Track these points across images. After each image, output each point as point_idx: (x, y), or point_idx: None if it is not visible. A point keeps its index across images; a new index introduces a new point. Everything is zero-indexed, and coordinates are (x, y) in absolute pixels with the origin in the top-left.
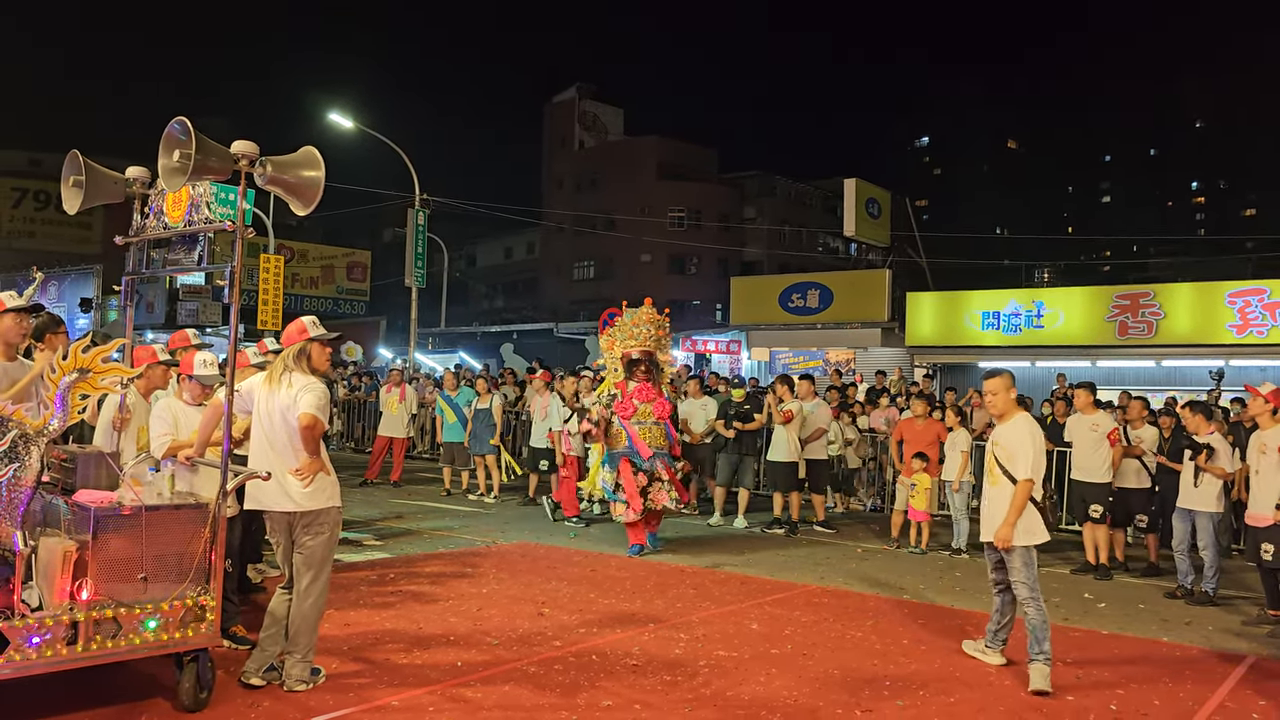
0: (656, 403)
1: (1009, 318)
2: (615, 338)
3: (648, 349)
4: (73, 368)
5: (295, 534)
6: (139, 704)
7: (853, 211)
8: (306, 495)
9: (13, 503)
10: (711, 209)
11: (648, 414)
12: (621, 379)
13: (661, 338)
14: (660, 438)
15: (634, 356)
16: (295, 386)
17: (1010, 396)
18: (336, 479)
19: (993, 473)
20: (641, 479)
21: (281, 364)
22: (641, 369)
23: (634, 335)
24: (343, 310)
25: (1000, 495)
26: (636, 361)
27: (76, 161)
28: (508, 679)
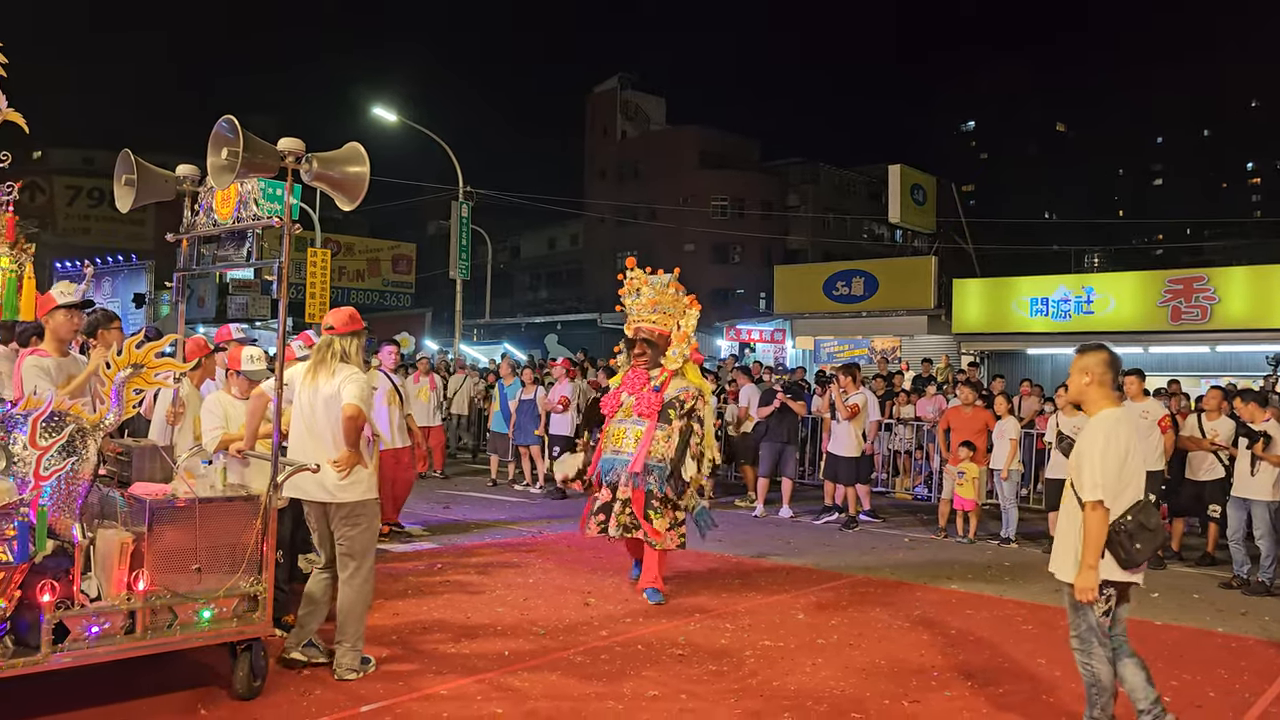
0: (640, 397)
1: (1058, 304)
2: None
3: (647, 324)
4: (127, 363)
5: (333, 525)
6: (195, 692)
7: (897, 198)
8: (341, 487)
9: (71, 495)
10: (754, 197)
11: (629, 410)
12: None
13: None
14: (630, 443)
15: (631, 336)
16: (338, 376)
17: (1099, 382)
18: (374, 473)
19: (1068, 486)
20: (604, 494)
21: (339, 351)
22: (636, 352)
23: (628, 307)
24: (389, 303)
25: (1066, 517)
26: (633, 342)
27: (128, 160)
28: (554, 668)
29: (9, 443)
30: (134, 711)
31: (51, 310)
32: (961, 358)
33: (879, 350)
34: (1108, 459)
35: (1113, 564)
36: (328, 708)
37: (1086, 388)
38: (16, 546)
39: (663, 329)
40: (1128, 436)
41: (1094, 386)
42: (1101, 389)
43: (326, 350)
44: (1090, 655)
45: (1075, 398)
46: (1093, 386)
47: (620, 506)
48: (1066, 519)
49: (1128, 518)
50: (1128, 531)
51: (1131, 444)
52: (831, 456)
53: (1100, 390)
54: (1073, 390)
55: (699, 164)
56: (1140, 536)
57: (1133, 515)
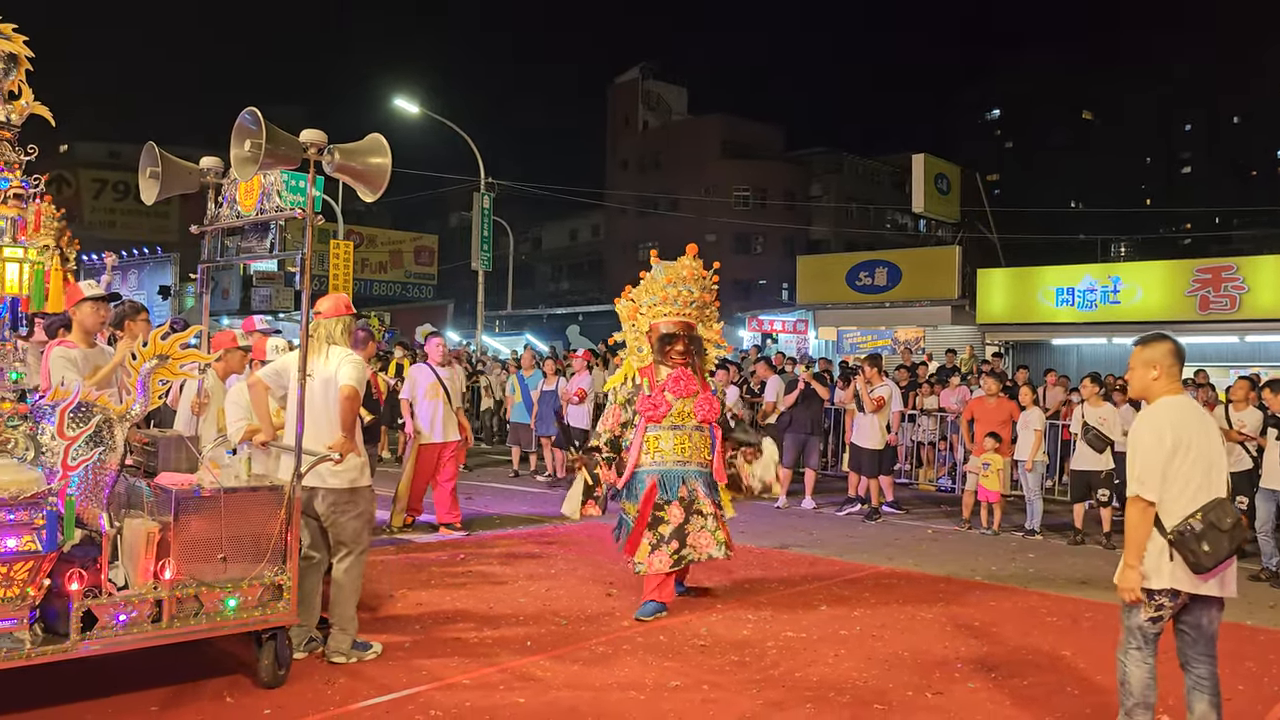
0: (700, 399)
1: (1084, 293)
2: (640, 301)
3: (687, 319)
4: (153, 354)
5: (322, 510)
6: (221, 680)
7: (921, 187)
8: (334, 473)
9: (99, 485)
10: (777, 187)
11: (686, 415)
12: (649, 363)
13: (708, 304)
14: (703, 450)
15: (666, 330)
16: (335, 359)
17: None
18: (367, 460)
19: None
20: (675, 513)
21: (325, 335)
22: (678, 349)
23: (668, 298)
24: (411, 294)
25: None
26: (671, 338)
27: (153, 153)
28: (576, 658)
29: (37, 433)
30: (161, 699)
31: (79, 302)
32: (985, 348)
33: (902, 341)
34: (1150, 451)
35: (1182, 569)
36: (351, 696)
37: (1154, 383)
38: (45, 535)
39: (695, 324)
40: (1179, 426)
41: (1162, 380)
42: (1170, 382)
43: (315, 335)
44: (1125, 654)
45: (1140, 393)
46: (1161, 380)
47: (713, 523)
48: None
49: (1196, 517)
50: (1195, 532)
51: (1186, 436)
52: (855, 448)
53: (1168, 384)
54: (1137, 385)
55: (721, 154)
56: (1209, 537)
57: (1203, 514)
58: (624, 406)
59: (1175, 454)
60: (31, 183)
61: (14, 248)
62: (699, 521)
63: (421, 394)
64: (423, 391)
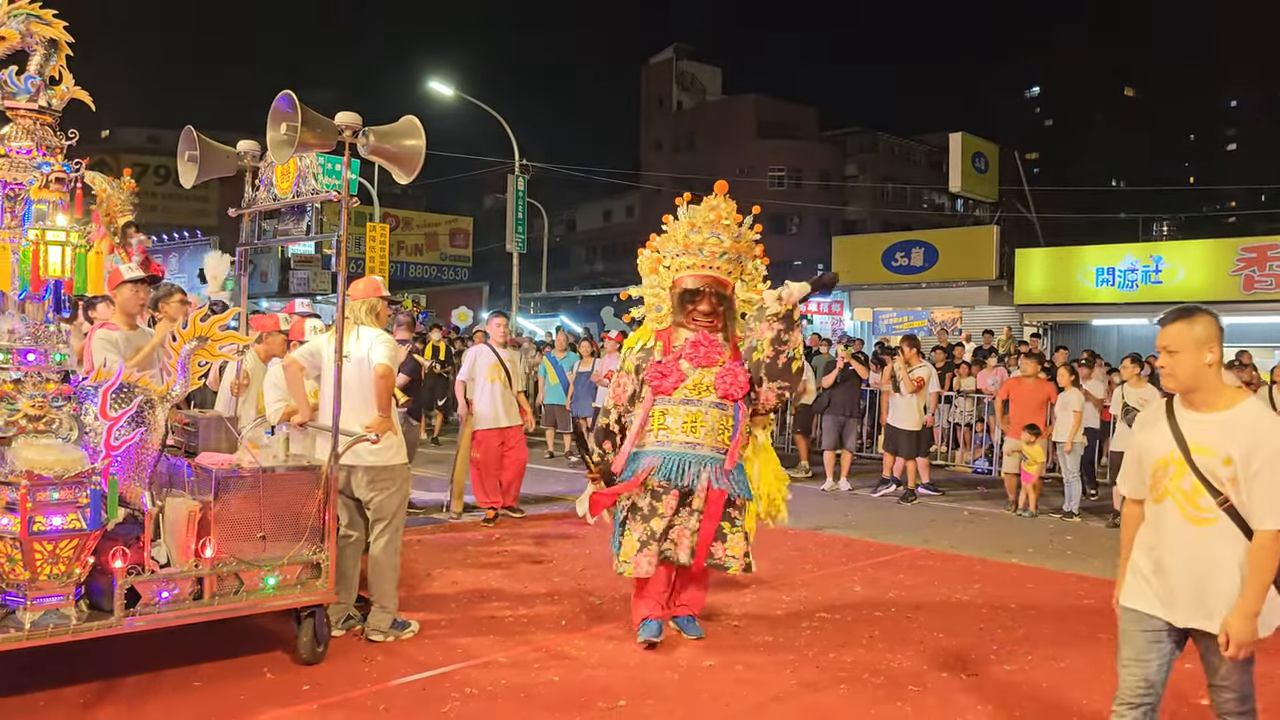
0: (723, 370)
1: (1125, 273)
2: (662, 251)
3: (716, 274)
4: (192, 336)
5: (359, 489)
6: (260, 657)
7: (959, 166)
8: (371, 450)
9: (141, 465)
10: (812, 168)
11: (704, 388)
12: (667, 325)
13: (742, 256)
14: (721, 432)
15: (690, 285)
16: (366, 339)
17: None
18: (403, 439)
19: (1194, 499)
20: (667, 506)
21: (353, 318)
22: (701, 309)
23: (691, 247)
24: (446, 277)
25: (1212, 545)
26: (693, 294)
27: (191, 137)
28: (611, 637)
29: (81, 413)
30: (202, 674)
31: (118, 285)
32: (1024, 329)
33: (939, 322)
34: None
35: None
36: (388, 673)
37: (1208, 369)
38: (89, 514)
39: (729, 282)
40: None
41: (1218, 367)
42: (1220, 370)
43: (351, 318)
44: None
45: (1192, 383)
46: (1216, 368)
47: (695, 520)
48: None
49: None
50: None
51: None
52: (891, 429)
53: (1219, 372)
54: (1187, 374)
55: (756, 134)
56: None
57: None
58: (633, 375)
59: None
60: (73, 167)
61: (57, 230)
62: (685, 518)
63: (481, 376)
64: (483, 373)
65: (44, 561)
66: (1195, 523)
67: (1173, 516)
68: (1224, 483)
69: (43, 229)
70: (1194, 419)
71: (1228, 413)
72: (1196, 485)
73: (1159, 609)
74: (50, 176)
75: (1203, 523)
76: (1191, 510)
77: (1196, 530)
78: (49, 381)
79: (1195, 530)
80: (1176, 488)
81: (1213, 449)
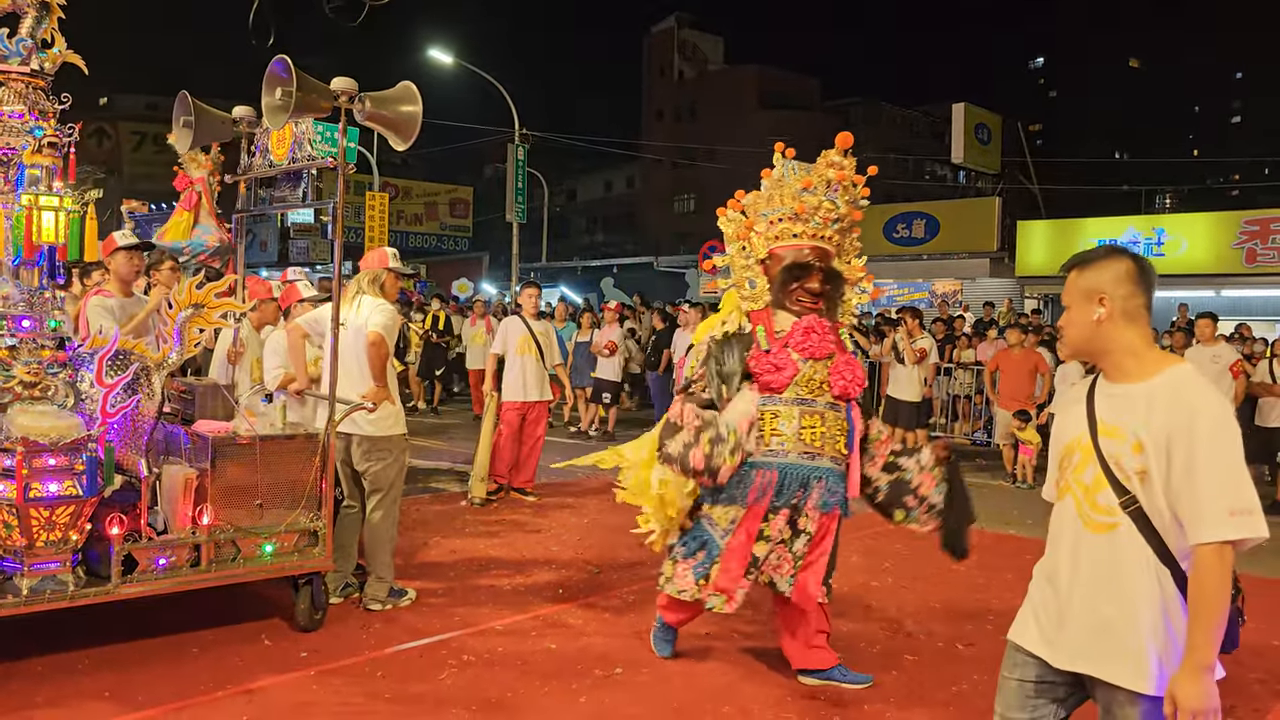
0: (837, 362)
1: (1127, 245)
2: (758, 211)
3: (825, 245)
4: (188, 303)
5: (356, 459)
6: (258, 624)
7: (961, 138)
8: (369, 420)
9: (137, 432)
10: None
11: (818, 386)
12: (763, 305)
13: (853, 226)
14: (839, 439)
15: (796, 258)
16: (366, 308)
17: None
18: (401, 409)
19: (1093, 496)
20: (775, 528)
21: (355, 287)
22: (811, 287)
23: (805, 210)
24: (446, 247)
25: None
26: (802, 270)
27: (186, 103)
28: (608, 606)
29: (76, 380)
30: (200, 641)
31: (113, 252)
32: (1025, 301)
33: (939, 294)
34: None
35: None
36: (385, 640)
37: (1102, 328)
38: (86, 481)
39: (837, 244)
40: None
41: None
42: (1136, 327)
43: (354, 287)
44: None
45: (1084, 346)
46: (1119, 325)
47: (802, 543)
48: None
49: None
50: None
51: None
52: (891, 400)
53: (1137, 330)
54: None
55: (758, 104)
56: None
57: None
58: (713, 367)
59: None
60: (66, 131)
61: (50, 196)
62: (788, 544)
63: (513, 349)
64: (514, 346)
65: (40, 528)
66: (1092, 528)
67: (1069, 520)
68: (1130, 476)
69: (35, 194)
70: (1109, 393)
71: (1146, 384)
72: (1099, 478)
73: (1040, 646)
74: (43, 141)
75: (1100, 528)
76: (1089, 510)
77: (1093, 539)
78: (44, 348)
79: (1091, 539)
80: (1078, 481)
81: (1122, 431)
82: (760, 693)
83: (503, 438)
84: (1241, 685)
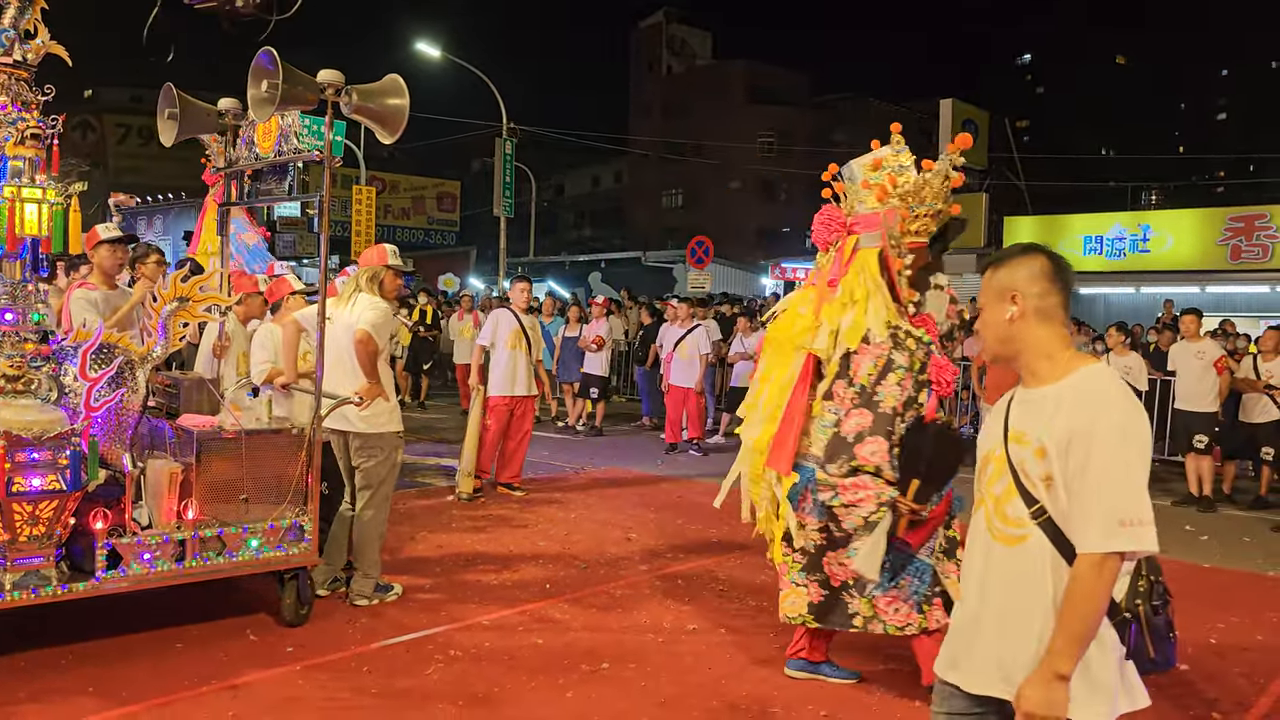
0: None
1: (1113, 242)
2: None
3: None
4: (173, 297)
5: (352, 455)
6: (243, 619)
7: (949, 134)
8: (362, 417)
9: (122, 426)
10: (802, 133)
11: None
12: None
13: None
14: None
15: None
16: (360, 305)
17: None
18: (396, 405)
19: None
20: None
21: (354, 283)
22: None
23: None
24: (434, 241)
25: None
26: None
27: (171, 95)
28: (595, 601)
29: (60, 374)
30: (185, 636)
31: (96, 245)
32: None
33: None
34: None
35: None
36: (371, 636)
37: (1012, 327)
38: (69, 475)
39: None
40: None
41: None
42: (1050, 327)
43: (352, 284)
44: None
45: (998, 348)
46: (1031, 323)
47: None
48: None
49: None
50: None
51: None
52: None
53: (1051, 330)
54: (990, 336)
55: (746, 99)
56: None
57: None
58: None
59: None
60: (49, 123)
61: (33, 188)
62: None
63: (503, 342)
64: (504, 340)
65: (24, 523)
66: (1001, 541)
67: (980, 534)
68: (1037, 484)
69: (18, 186)
70: (1023, 398)
71: (1056, 386)
72: (1009, 488)
73: (952, 672)
74: (26, 133)
75: (1009, 541)
76: (997, 523)
77: (1002, 553)
78: (27, 341)
79: (1000, 553)
80: (990, 493)
81: (1028, 436)
82: (746, 687)
83: (490, 433)
84: (1225, 679)
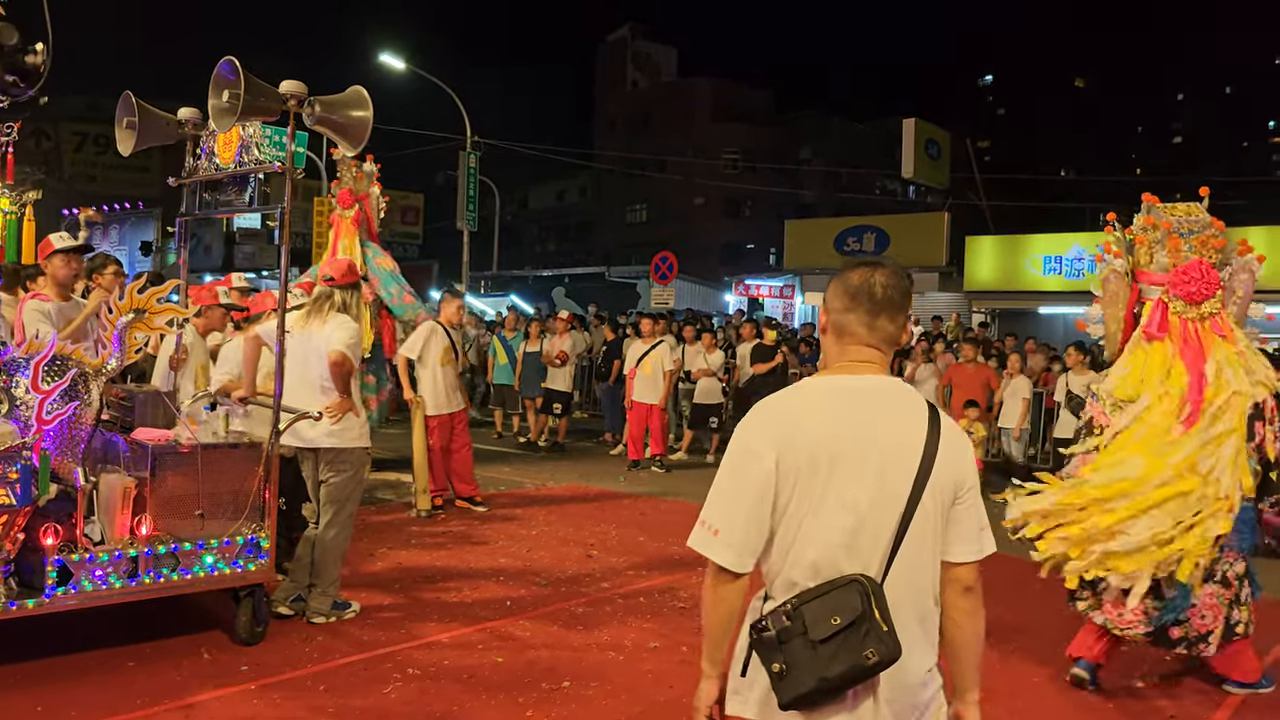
0: None
1: (1072, 262)
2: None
3: None
4: (129, 308)
5: (320, 470)
6: (197, 636)
7: (911, 153)
8: (330, 433)
9: (74, 439)
10: (765, 150)
11: None
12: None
13: None
14: None
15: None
16: (330, 324)
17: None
18: (365, 422)
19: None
20: None
21: (328, 302)
22: None
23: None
24: (395, 254)
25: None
26: None
27: (129, 103)
28: (556, 619)
29: (11, 386)
30: (136, 654)
31: (49, 255)
32: (972, 316)
33: None
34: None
35: (763, 690)
36: (329, 654)
37: (824, 339)
38: (19, 490)
39: None
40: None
41: (831, 334)
42: (840, 345)
43: (326, 300)
44: None
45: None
46: (828, 336)
47: None
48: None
49: (788, 607)
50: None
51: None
52: None
53: (840, 346)
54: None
55: (710, 116)
56: (796, 650)
57: (795, 604)
58: None
59: (769, 491)
60: (4, 130)
61: None
62: None
63: (433, 358)
64: (435, 355)
65: None
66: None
67: None
68: None
69: None
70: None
71: None
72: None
73: None
74: None
75: None
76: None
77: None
78: None
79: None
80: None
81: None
82: None
83: (435, 452)
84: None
